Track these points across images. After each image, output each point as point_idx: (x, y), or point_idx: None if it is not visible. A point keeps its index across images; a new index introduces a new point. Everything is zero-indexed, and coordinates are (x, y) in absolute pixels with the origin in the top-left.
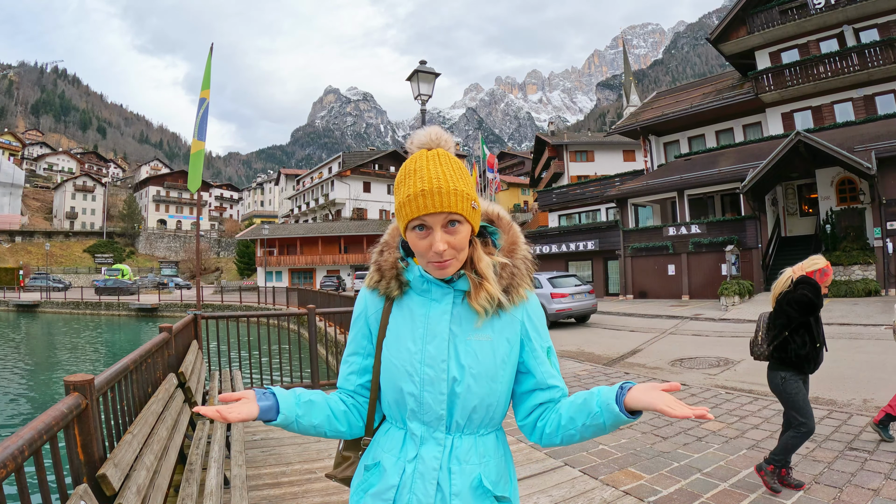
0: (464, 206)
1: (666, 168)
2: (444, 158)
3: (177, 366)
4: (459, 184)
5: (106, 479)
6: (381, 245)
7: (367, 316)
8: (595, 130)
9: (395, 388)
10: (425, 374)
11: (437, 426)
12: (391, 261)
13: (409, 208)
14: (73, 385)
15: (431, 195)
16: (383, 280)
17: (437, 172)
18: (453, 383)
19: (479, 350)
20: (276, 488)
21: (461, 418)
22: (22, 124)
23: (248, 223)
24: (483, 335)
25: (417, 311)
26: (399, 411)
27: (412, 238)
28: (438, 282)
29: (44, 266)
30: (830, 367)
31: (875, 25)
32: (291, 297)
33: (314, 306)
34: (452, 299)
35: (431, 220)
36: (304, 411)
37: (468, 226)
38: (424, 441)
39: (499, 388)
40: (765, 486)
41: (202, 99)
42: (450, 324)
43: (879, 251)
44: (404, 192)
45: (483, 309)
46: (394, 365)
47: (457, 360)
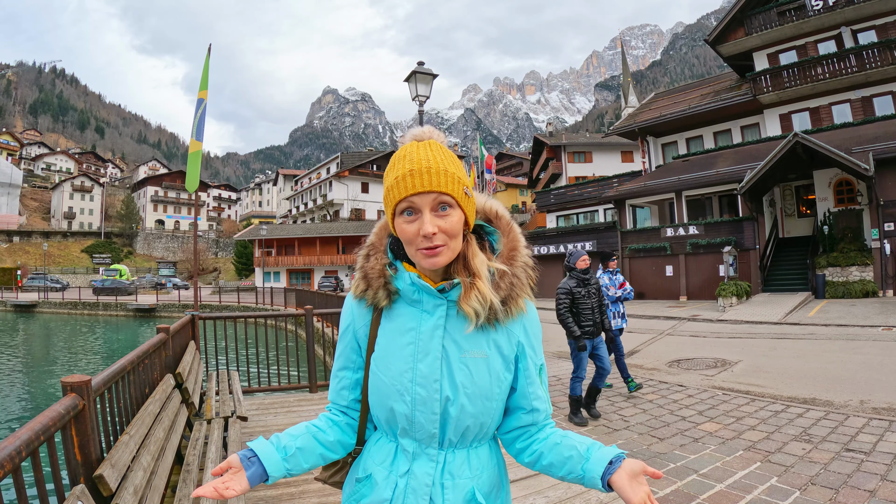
0: (455, 188)
1: (664, 169)
2: (434, 146)
3: (174, 366)
4: (451, 167)
5: (103, 479)
6: (366, 248)
7: (354, 329)
8: (593, 131)
9: (385, 407)
10: (417, 393)
11: (429, 443)
12: (378, 267)
13: (396, 190)
14: (71, 386)
15: (420, 174)
16: (370, 289)
17: (426, 154)
18: (446, 403)
19: (474, 368)
20: (273, 489)
21: (454, 436)
22: (20, 124)
23: (247, 223)
24: (478, 352)
25: (408, 324)
26: (390, 428)
27: (400, 225)
28: (430, 290)
29: (41, 266)
30: (828, 368)
31: (873, 27)
32: (289, 297)
33: (311, 307)
34: (445, 311)
35: (420, 200)
36: (294, 464)
37: (460, 212)
38: (417, 457)
39: (493, 406)
40: None
41: (200, 99)
42: (442, 340)
43: (877, 252)
44: (392, 175)
45: (474, 311)
46: (384, 383)
47: (450, 378)
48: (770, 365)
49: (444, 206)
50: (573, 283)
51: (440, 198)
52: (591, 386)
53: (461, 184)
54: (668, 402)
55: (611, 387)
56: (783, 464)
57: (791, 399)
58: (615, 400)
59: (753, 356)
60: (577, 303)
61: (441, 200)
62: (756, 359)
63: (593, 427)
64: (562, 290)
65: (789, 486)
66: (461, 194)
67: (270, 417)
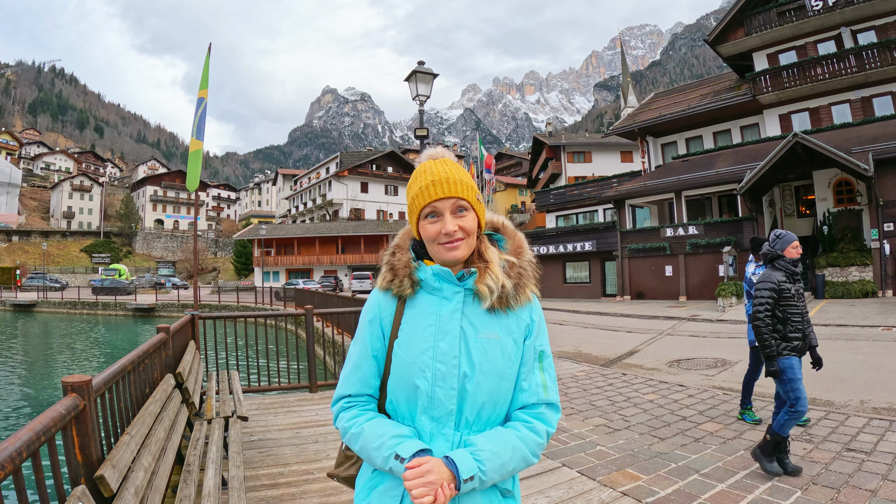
0: (470, 194)
1: (663, 169)
2: (449, 162)
3: (174, 366)
4: (465, 178)
5: (104, 480)
6: (392, 247)
7: (381, 318)
8: (593, 131)
9: (407, 385)
10: (437, 369)
11: (446, 422)
12: (404, 261)
13: (421, 197)
14: (71, 386)
15: (441, 184)
16: (396, 279)
17: (444, 168)
18: (464, 379)
19: (489, 348)
20: (274, 489)
21: (470, 414)
22: (19, 123)
23: (246, 223)
24: (492, 333)
25: (429, 308)
26: (409, 408)
27: (424, 226)
28: (450, 279)
29: (41, 266)
30: (828, 368)
31: (873, 27)
32: (288, 296)
33: (311, 307)
34: (463, 298)
35: (442, 205)
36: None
37: (475, 214)
38: (433, 437)
39: (506, 386)
40: None
41: (200, 98)
42: (461, 321)
43: (876, 252)
44: (416, 186)
45: (488, 290)
46: (406, 362)
47: (468, 356)
48: None
49: (462, 209)
50: (781, 277)
51: (458, 202)
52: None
53: (474, 191)
54: (668, 402)
55: (808, 422)
56: None
57: None
58: (616, 400)
59: None
60: (783, 305)
61: (459, 204)
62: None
63: (594, 427)
64: (765, 286)
65: (790, 486)
66: (475, 199)
67: (271, 417)
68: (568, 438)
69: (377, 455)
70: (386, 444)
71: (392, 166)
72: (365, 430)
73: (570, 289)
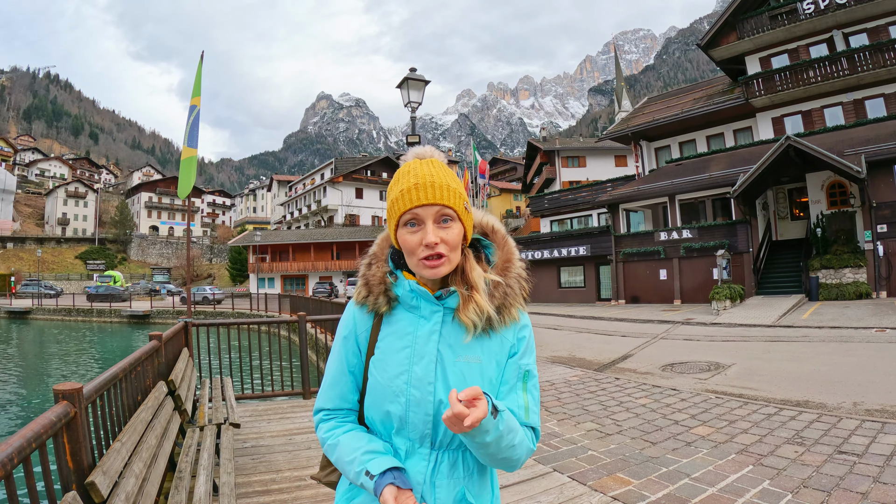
0: (456, 202)
1: (657, 173)
2: (436, 163)
3: (167, 373)
4: (453, 183)
5: (94, 486)
6: (369, 257)
7: (356, 335)
8: (587, 136)
9: (380, 409)
10: (412, 395)
11: (422, 443)
12: (379, 275)
13: (401, 202)
14: (63, 394)
15: (424, 188)
16: (371, 295)
17: (430, 170)
18: (439, 405)
19: (468, 372)
20: (266, 495)
21: (446, 438)
22: (14, 130)
23: (241, 229)
24: (472, 357)
25: (406, 328)
26: (385, 428)
27: (403, 235)
28: (428, 297)
29: (35, 272)
30: (821, 371)
31: (865, 30)
32: (284, 303)
33: (304, 313)
34: (442, 317)
35: (424, 212)
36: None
37: (461, 226)
38: (409, 455)
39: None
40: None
41: (192, 106)
42: (438, 344)
43: (870, 254)
44: (398, 188)
45: (472, 322)
46: (381, 385)
47: (444, 382)
48: (763, 368)
49: (446, 218)
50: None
51: (443, 210)
52: None
53: (462, 199)
54: (661, 406)
55: None
56: (775, 467)
57: (784, 402)
58: (608, 404)
59: (747, 359)
60: None
61: (443, 213)
62: (749, 362)
63: (586, 432)
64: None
65: (781, 489)
66: (462, 209)
67: (263, 424)
68: (559, 443)
69: (350, 469)
70: (358, 459)
71: (387, 172)
72: (341, 442)
73: (565, 293)
